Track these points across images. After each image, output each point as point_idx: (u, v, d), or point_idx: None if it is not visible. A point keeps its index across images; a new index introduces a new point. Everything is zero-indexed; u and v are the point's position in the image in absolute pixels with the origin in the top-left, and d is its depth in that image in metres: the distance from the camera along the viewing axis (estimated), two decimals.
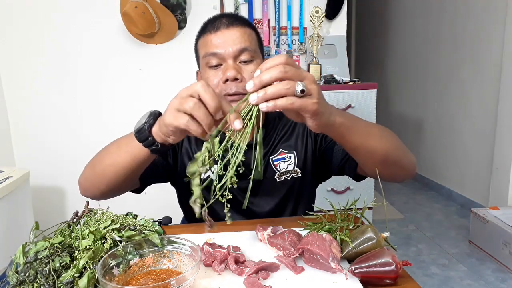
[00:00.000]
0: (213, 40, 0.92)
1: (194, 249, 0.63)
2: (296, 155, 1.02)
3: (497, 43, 2.63)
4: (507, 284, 2.02)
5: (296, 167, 1.02)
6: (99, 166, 0.85)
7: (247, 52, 0.91)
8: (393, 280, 0.62)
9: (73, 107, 2.31)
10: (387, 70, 4.37)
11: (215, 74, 0.92)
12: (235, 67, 0.90)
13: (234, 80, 0.89)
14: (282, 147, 1.03)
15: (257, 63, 0.94)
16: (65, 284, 0.57)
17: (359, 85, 2.11)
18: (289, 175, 1.01)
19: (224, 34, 0.91)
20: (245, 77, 0.91)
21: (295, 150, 1.03)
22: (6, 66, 2.23)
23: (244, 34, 0.92)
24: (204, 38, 0.95)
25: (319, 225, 0.76)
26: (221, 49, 0.90)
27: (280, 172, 1.01)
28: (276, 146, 1.03)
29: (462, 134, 3.08)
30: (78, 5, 2.21)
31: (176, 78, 2.36)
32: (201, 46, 0.96)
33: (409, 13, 3.85)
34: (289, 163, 1.02)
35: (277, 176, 1.00)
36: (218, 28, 0.92)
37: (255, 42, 0.96)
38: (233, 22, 0.93)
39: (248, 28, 0.95)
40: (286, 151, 1.02)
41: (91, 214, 0.71)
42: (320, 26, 2.21)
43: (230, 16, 0.95)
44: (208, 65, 0.93)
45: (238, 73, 0.90)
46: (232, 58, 0.91)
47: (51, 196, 2.37)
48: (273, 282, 0.63)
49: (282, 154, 1.02)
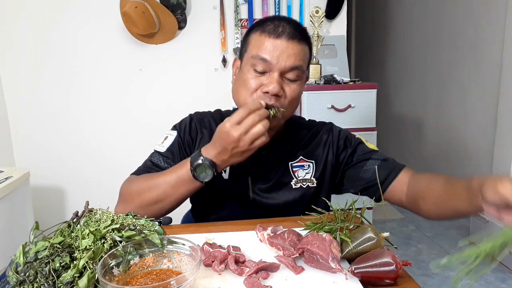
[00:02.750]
0: (269, 46, 0.88)
1: (194, 249, 0.63)
2: (315, 164, 1.01)
3: (497, 43, 2.63)
4: (507, 284, 2.02)
5: (313, 177, 1.00)
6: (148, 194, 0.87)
7: (297, 71, 0.89)
8: (393, 280, 0.62)
9: (73, 107, 2.32)
10: (387, 70, 4.37)
11: (257, 79, 0.89)
12: (279, 82, 0.88)
13: (275, 95, 0.87)
14: (302, 154, 1.01)
15: (301, 83, 0.93)
16: (65, 284, 0.57)
17: (359, 85, 2.11)
18: (305, 183, 1.00)
19: (283, 45, 0.87)
20: (287, 92, 0.89)
21: (314, 160, 1.01)
22: (6, 66, 2.22)
23: (301, 52, 0.90)
24: (261, 37, 0.90)
25: (319, 225, 0.76)
26: (274, 59, 0.87)
27: (297, 179, 0.99)
28: (296, 152, 1.01)
29: (462, 134, 3.08)
30: (78, 5, 2.21)
31: (176, 78, 2.36)
32: (254, 43, 0.91)
33: (409, 13, 3.85)
34: (307, 172, 1.00)
35: (293, 182, 0.99)
36: (280, 36, 0.88)
37: (306, 62, 0.94)
38: (296, 36, 0.89)
39: (306, 46, 0.92)
40: (306, 159, 1.01)
41: (91, 214, 0.71)
42: (320, 26, 2.21)
43: (294, 26, 0.90)
44: (254, 67, 0.89)
45: (281, 89, 0.88)
46: (280, 71, 0.88)
47: (51, 196, 2.37)
48: (273, 282, 0.63)
49: (301, 162, 1.01)
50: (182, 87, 2.37)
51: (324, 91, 2.06)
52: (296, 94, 0.91)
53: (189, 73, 2.36)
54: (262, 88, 0.88)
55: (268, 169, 0.99)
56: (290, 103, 0.91)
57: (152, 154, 1.01)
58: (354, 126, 2.08)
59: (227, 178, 0.98)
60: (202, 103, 1.84)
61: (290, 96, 0.90)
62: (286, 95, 0.90)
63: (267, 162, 0.99)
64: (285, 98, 0.90)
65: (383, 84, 4.23)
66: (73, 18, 2.22)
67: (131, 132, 2.38)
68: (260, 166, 0.99)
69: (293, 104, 0.93)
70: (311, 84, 2.13)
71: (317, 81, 2.17)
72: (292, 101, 0.91)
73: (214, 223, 0.92)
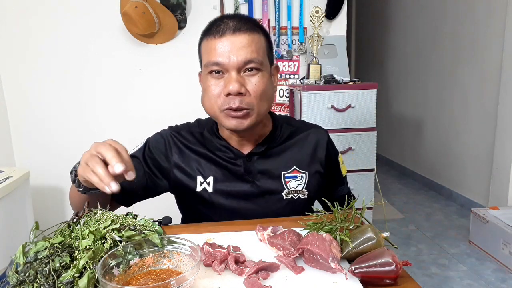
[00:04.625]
0: (217, 47, 0.85)
1: (194, 249, 0.63)
2: (308, 176, 0.99)
3: (497, 43, 2.63)
4: (507, 284, 2.02)
5: (304, 188, 0.99)
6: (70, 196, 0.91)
7: (252, 63, 0.85)
8: (393, 280, 0.62)
9: (73, 107, 2.31)
10: (387, 70, 4.37)
11: (217, 83, 0.87)
12: (238, 80, 0.84)
13: (238, 95, 0.85)
14: (296, 165, 0.99)
15: (263, 75, 0.88)
16: (65, 284, 0.57)
17: (359, 85, 2.11)
18: (297, 195, 0.98)
19: (229, 41, 0.84)
20: (249, 90, 0.86)
21: (307, 171, 0.99)
22: (6, 66, 2.22)
23: (251, 43, 0.85)
24: (207, 41, 0.87)
25: (319, 225, 0.76)
26: (225, 58, 0.84)
27: (289, 190, 0.98)
28: (289, 161, 0.99)
29: (462, 134, 3.08)
30: (78, 5, 2.21)
31: (176, 78, 2.36)
32: (204, 51, 0.89)
33: (409, 13, 3.85)
34: (299, 183, 0.98)
35: (284, 193, 0.97)
36: (223, 33, 0.84)
37: (263, 51, 0.89)
38: (241, 27, 0.85)
39: (256, 34, 0.87)
40: (300, 170, 0.99)
41: (91, 214, 0.71)
42: (320, 26, 2.21)
43: (238, 19, 0.87)
44: (210, 74, 0.87)
45: (242, 86, 0.85)
46: (235, 69, 0.85)
47: (51, 196, 2.37)
48: (273, 282, 0.63)
49: (295, 172, 0.98)
50: (182, 87, 2.36)
51: (324, 91, 2.06)
52: (260, 88, 0.87)
53: (189, 73, 2.36)
54: (224, 91, 0.85)
55: (257, 178, 0.97)
56: (257, 97, 0.87)
57: None
58: (354, 126, 2.09)
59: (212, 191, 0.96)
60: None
61: (254, 91, 0.86)
62: (250, 91, 0.86)
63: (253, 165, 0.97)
64: (250, 95, 0.86)
65: (383, 84, 4.23)
66: (73, 18, 2.22)
67: (131, 132, 2.37)
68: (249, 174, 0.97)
69: (263, 98, 0.88)
70: (311, 84, 2.13)
71: (317, 81, 2.17)
72: (260, 95, 0.87)
73: (214, 223, 0.92)
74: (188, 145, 0.99)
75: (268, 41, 0.92)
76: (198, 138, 1.00)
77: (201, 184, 0.96)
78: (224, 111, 0.87)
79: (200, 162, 0.98)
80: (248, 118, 0.88)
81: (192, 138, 1.00)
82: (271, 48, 0.94)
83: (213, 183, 0.96)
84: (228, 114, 0.87)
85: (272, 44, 0.95)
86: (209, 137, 1.00)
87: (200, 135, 1.01)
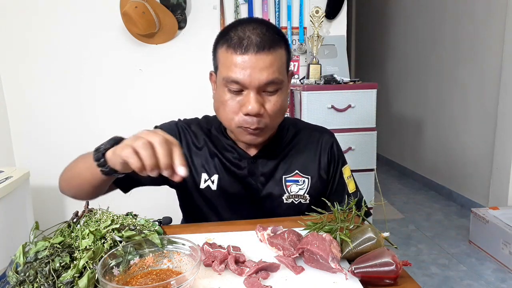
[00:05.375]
0: (237, 64, 0.80)
1: (194, 249, 0.63)
2: (311, 181, 0.97)
3: (497, 43, 2.63)
4: (507, 284, 2.02)
5: (306, 193, 0.96)
6: (68, 173, 0.86)
7: (273, 84, 0.83)
8: (393, 280, 0.62)
9: (73, 107, 2.31)
10: (387, 70, 4.37)
11: (234, 98, 0.84)
12: (258, 101, 0.82)
13: (256, 115, 0.83)
14: (298, 169, 0.97)
15: (282, 91, 0.86)
16: (65, 284, 0.57)
17: (359, 85, 2.11)
18: (298, 199, 0.96)
19: (251, 61, 0.80)
20: (267, 109, 0.84)
21: (310, 175, 0.97)
22: (6, 66, 2.22)
23: (274, 62, 0.82)
24: (227, 53, 0.82)
25: (319, 225, 0.76)
26: (246, 78, 0.80)
27: (289, 194, 0.96)
28: (291, 165, 0.97)
29: (462, 134, 3.08)
30: (78, 5, 2.21)
31: (176, 78, 2.36)
32: (223, 61, 0.84)
33: (409, 13, 3.85)
34: (301, 187, 0.96)
35: (285, 197, 0.95)
36: (246, 51, 0.80)
37: (284, 68, 0.86)
38: (264, 46, 0.80)
39: (279, 50, 0.83)
40: (302, 174, 0.97)
41: (91, 214, 0.71)
42: (320, 26, 2.21)
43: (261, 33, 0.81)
44: (228, 88, 0.84)
45: (261, 107, 0.83)
46: (256, 89, 0.82)
47: (51, 196, 2.37)
48: (273, 282, 0.63)
49: (297, 177, 0.96)
50: (182, 87, 2.37)
51: (324, 91, 2.06)
52: (278, 106, 0.86)
53: (189, 73, 2.36)
54: (242, 109, 0.83)
55: (260, 181, 0.96)
56: (274, 116, 0.87)
57: None
58: (354, 126, 2.09)
59: (215, 189, 0.95)
60: (202, 103, 1.83)
61: (272, 110, 0.85)
62: (268, 110, 0.85)
63: (257, 168, 0.96)
64: (268, 114, 0.85)
65: (383, 84, 4.23)
66: (73, 18, 2.22)
67: (131, 132, 2.37)
68: (252, 176, 0.96)
69: (279, 114, 0.88)
70: (311, 84, 2.13)
71: (317, 81, 2.17)
72: (277, 113, 0.87)
73: (214, 223, 0.92)
74: (197, 140, 0.99)
75: (288, 51, 0.89)
76: (207, 135, 1.00)
77: (205, 182, 0.96)
78: (240, 128, 0.87)
79: (206, 159, 0.97)
80: (263, 135, 0.88)
81: (201, 134, 1.00)
82: (290, 60, 0.91)
83: (217, 182, 0.96)
84: (245, 130, 0.86)
85: (291, 52, 0.91)
86: (216, 135, 0.99)
87: (208, 132, 1.00)
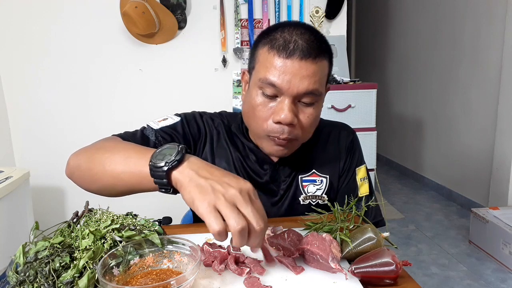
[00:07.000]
0: (278, 68, 0.75)
1: (194, 249, 0.63)
2: (329, 180, 0.92)
3: (497, 43, 2.63)
4: (507, 284, 2.02)
5: (324, 194, 0.92)
6: (98, 166, 0.69)
7: (311, 95, 0.78)
8: (393, 280, 0.62)
9: (73, 107, 2.32)
10: (387, 70, 4.37)
11: (267, 104, 0.79)
12: (292, 110, 0.77)
13: (288, 125, 0.78)
14: (316, 168, 0.92)
15: (318, 106, 0.81)
16: (65, 284, 0.57)
17: (359, 85, 2.11)
18: (315, 200, 0.91)
19: (294, 66, 0.75)
20: (300, 120, 0.79)
21: (328, 175, 0.92)
22: (6, 66, 2.23)
23: (317, 72, 0.76)
24: (269, 54, 0.77)
25: (319, 225, 0.76)
26: (285, 84, 0.75)
27: (306, 195, 0.91)
28: (308, 164, 0.92)
29: (462, 134, 3.08)
30: (78, 5, 2.21)
31: (176, 78, 2.36)
32: (263, 62, 0.79)
33: (409, 13, 3.85)
34: (318, 188, 0.91)
35: (302, 198, 0.91)
36: (291, 55, 0.75)
37: (324, 80, 0.81)
38: (310, 53, 0.75)
39: (323, 61, 0.78)
40: (319, 174, 0.92)
41: (91, 214, 0.71)
42: (320, 26, 2.21)
43: (309, 40, 0.76)
44: (262, 91, 0.79)
45: (295, 117, 0.77)
46: (292, 97, 0.76)
47: (51, 196, 2.37)
48: (273, 282, 0.63)
49: (314, 176, 0.91)
50: (182, 87, 2.37)
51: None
52: (312, 119, 0.81)
53: (189, 73, 2.36)
54: (273, 116, 0.78)
55: (278, 182, 0.91)
56: (307, 129, 0.82)
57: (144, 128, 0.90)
58: (354, 126, 2.05)
59: None
60: (202, 103, 1.85)
61: (305, 123, 0.80)
62: (301, 121, 0.79)
63: (279, 174, 0.91)
64: (300, 126, 0.80)
65: (383, 84, 4.23)
66: (73, 18, 2.22)
67: None
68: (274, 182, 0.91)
69: (311, 127, 0.83)
70: None
71: None
72: (309, 126, 0.82)
73: None
74: (219, 138, 0.93)
75: (331, 63, 0.83)
76: (227, 132, 0.94)
77: None
78: (268, 136, 0.81)
79: (227, 158, 0.92)
80: (290, 147, 0.83)
81: (222, 131, 0.94)
82: (331, 72, 0.85)
83: None
84: (272, 139, 0.81)
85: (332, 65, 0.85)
86: (237, 135, 0.94)
87: (228, 130, 0.94)
